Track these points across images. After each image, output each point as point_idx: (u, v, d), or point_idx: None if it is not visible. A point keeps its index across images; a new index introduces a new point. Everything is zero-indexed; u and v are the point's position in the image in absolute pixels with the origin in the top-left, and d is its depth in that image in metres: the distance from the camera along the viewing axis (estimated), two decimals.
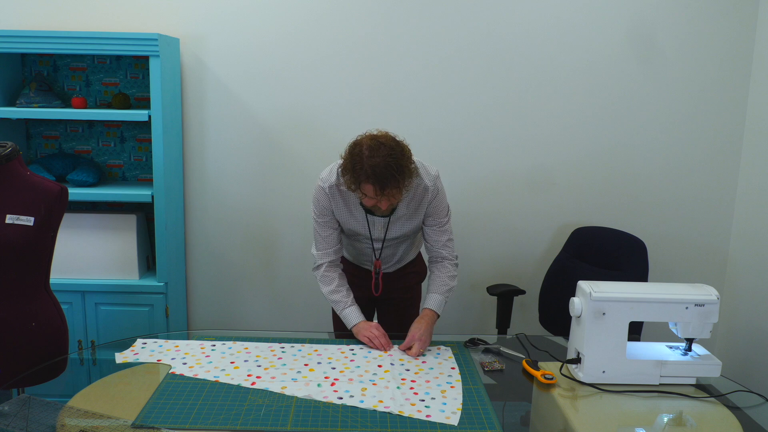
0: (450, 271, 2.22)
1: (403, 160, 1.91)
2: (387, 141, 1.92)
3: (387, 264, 2.32)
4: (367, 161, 1.87)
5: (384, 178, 1.87)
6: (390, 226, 2.16)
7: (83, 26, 2.85)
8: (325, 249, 2.20)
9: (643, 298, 1.84)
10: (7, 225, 1.88)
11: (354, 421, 1.62)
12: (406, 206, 2.13)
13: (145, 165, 2.99)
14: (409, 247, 2.33)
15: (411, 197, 2.11)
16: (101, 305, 2.75)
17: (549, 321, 2.80)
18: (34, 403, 1.66)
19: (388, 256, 2.29)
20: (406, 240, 2.27)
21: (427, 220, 2.18)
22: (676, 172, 3.04)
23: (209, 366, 1.91)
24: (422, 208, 2.15)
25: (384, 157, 1.87)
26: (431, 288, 2.21)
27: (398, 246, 2.28)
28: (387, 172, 1.86)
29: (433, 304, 2.17)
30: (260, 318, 3.18)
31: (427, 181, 2.11)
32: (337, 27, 2.89)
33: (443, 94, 2.96)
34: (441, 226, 2.19)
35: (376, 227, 2.17)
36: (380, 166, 1.86)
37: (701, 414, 1.74)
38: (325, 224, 2.17)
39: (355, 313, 2.16)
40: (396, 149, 1.91)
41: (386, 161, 1.86)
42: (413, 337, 2.05)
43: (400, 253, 2.31)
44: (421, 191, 2.12)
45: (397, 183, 1.89)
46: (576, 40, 2.91)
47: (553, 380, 1.85)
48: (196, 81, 2.94)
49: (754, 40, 2.91)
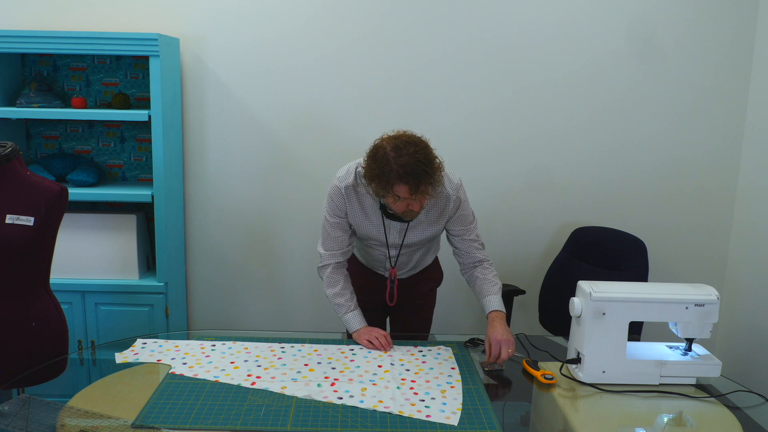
0: (492, 271, 2.17)
1: (429, 154, 1.85)
2: (409, 138, 1.86)
3: (402, 270, 2.26)
4: (395, 162, 1.80)
5: (417, 174, 1.80)
6: (408, 232, 2.10)
7: (83, 26, 2.85)
8: (333, 250, 2.14)
9: (643, 298, 1.84)
10: (7, 225, 1.88)
11: (354, 421, 1.62)
12: (426, 213, 2.07)
13: (145, 165, 2.99)
14: (425, 253, 2.27)
15: (432, 204, 2.06)
16: (101, 305, 2.75)
17: (549, 321, 2.80)
18: (34, 403, 1.66)
19: (403, 262, 2.23)
20: (422, 247, 2.22)
21: (455, 229, 2.13)
22: (676, 171, 3.04)
23: (209, 366, 1.91)
24: (444, 216, 2.10)
25: (411, 154, 1.81)
26: (484, 291, 2.13)
27: (414, 253, 2.22)
28: (419, 168, 1.80)
29: (496, 305, 2.09)
30: (260, 318, 3.18)
31: (449, 189, 2.05)
32: (337, 27, 2.90)
33: (443, 94, 2.95)
34: (470, 233, 2.14)
35: (392, 233, 2.12)
36: (410, 164, 1.79)
37: (701, 414, 1.74)
38: (336, 225, 2.11)
39: (357, 318, 2.12)
40: (420, 144, 1.85)
41: (415, 158, 1.80)
42: (497, 340, 1.95)
43: (416, 260, 2.25)
44: (443, 199, 2.06)
45: (430, 178, 1.83)
46: (576, 40, 2.91)
47: (553, 380, 1.85)
48: (196, 81, 2.94)
49: (754, 40, 2.91)
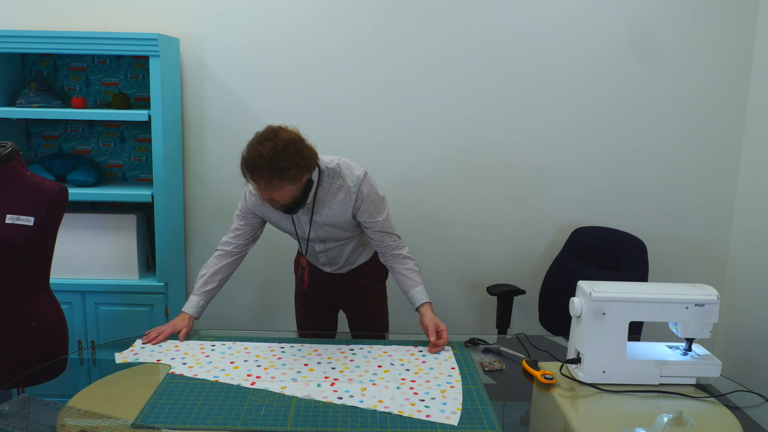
0: (409, 261, 2.18)
1: (289, 148, 1.82)
2: (274, 132, 1.85)
3: (336, 265, 2.29)
4: (247, 153, 1.84)
5: (260, 168, 1.81)
6: (313, 218, 2.12)
7: (83, 26, 2.85)
8: (229, 237, 2.20)
9: (643, 298, 1.84)
10: (7, 225, 1.88)
11: (354, 421, 1.62)
12: (329, 200, 2.08)
13: (145, 165, 2.99)
14: (356, 248, 2.29)
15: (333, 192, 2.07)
16: (101, 305, 2.75)
17: (549, 321, 2.80)
18: (34, 403, 1.66)
19: (334, 257, 2.26)
20: (348, 241, 2.24)
21: (365, 222, 2.14)
22: (677, 171, 3.04)
23: (209, 366, 1.91)
24: (347, 206, 2.09)
25: (270, 147, 1.80)
26: (408, 284, 2.15)
27: (342, 248, 2.24)
28: (262, 163, 1.80)
29: (423, 297, 2.14)
30: (260, 318, 3.18)
31: (349, 182, 2.06)
32: (337, 27, 2.90)
33: (443, 93, 2.96)
34: (379, 225, 2.14)
35: (301, 224, 2.15)
36: (257, 157, 1.81)
37: (701, 414, 1.74)
38: (242, 217, 2.18)
39: (192, 303, 2.16)
40: (279, 138, 1.83)
41: (265, 152, 1.80)
42: (437, 326, 2.07)
43: (347, 254, 2.27)
44: (344, 190, 2.07)
45: (279, 173, 1.82)
46: (576, 40, 2.91)
47: (553, 380, 1.85)
48: (196, 81, 2.94)
49: (754, 40, 2.91)
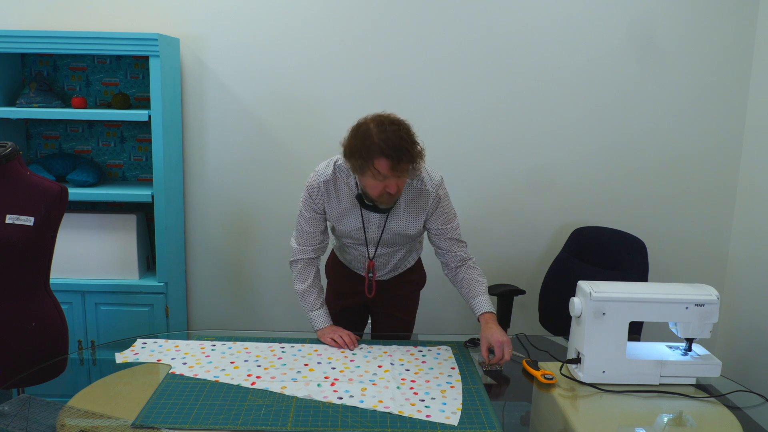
0: (477, 270, 2.16)
1: (411, 134, 1.89)
2: (393, 118, 1.91)
3: (382, 271, 2.26)
4: (377, 136, 1.84)
5: (398, 150, 1.83)
6: (387, 224, 2.10)
7: (83, 26, 2.85)
8: (305, 245, 2.16)
9: (643, 298, 1.84)
10: (7, 225, 1.88)
11: (354, 421, 1.62)
12: (406, 206, 2.08)
13: (145, 165, 2.99)
14: (406, 254, 2.27)
15: (411, 198, 2.07)
16: (101, 305, 2.75)
17: (549, 321, 2.80)
18: (34, 403, 1.66)
19: (382, 263, 2.23)
20: (401, 248, 2.22)
21: (435, 227, 2.13)
22: (676, 171, 3.04)
23: (209, 366, 1.91)
24: (422, 213, 2.10)
25: (394, 131, 1.85)
26: (472, 292, 2.11)
27: (394, 254, 2.22)
28: (400, 144, 1.84)
29: (487, 306, 2.08)
30: (260, 318, 3.18)
31: (429, 186, 2.06)
32: (337, 26, 2.90)
33: (442, 93, 2.95)
34: (451, 231, 2.14)
35: (371, 226, 2.12)
36: (392, 139, 1.83)
37: (701, 414, 1.74)
38: (311, 220, 2.13)
39: (323, 317, 2.14)
40: (403, 124, 1.90)
41: (397, 135, 1.85)
42: (498, 342, 1.95)
43: (396, 261, 2.25)
44: (423, 196, 2.07)
45: (411, 157, 1.87)
46: (576, 40, 2.91)
47: (553, 380, 1.85)
48: (196, 81, 2.94)
49: (754, 40, 2.91)
